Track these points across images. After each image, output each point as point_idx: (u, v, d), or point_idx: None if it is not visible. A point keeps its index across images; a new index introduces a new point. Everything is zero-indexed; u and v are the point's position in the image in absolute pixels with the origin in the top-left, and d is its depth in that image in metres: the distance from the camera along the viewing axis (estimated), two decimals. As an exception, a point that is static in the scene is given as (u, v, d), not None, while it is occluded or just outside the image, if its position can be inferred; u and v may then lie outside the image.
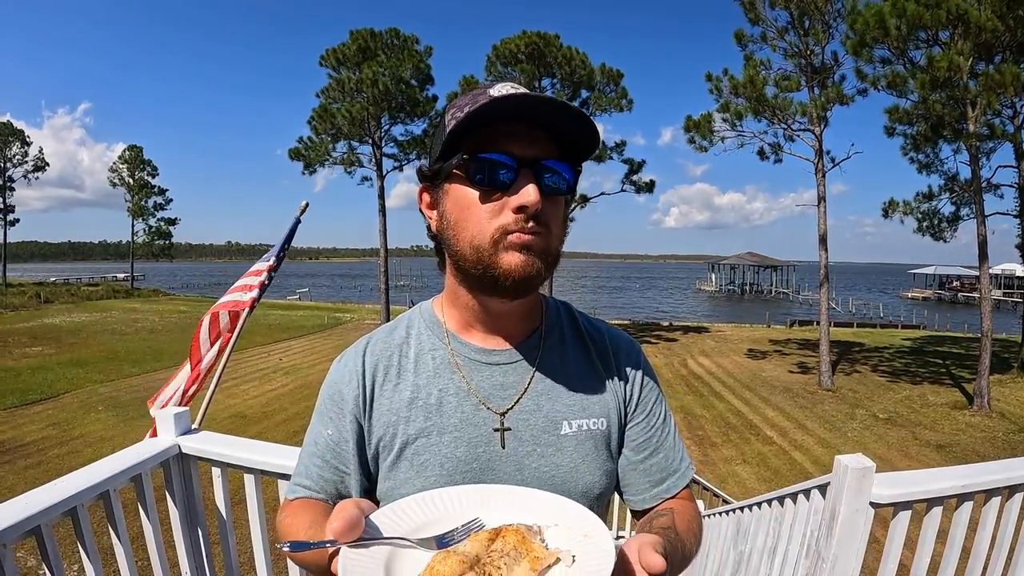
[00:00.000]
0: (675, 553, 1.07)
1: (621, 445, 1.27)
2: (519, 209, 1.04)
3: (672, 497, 1.28)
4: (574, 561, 0.87)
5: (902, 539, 2.34)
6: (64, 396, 18.71)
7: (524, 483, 1.13)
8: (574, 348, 1.28)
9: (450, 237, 1.12)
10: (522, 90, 1.06)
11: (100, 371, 21.97)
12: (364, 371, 1.23)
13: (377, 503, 1.17)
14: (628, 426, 1.27)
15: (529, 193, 1.03)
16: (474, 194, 1.07)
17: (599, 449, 1.21)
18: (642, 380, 1.30)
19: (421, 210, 1.22)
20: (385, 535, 0.94)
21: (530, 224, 1.04)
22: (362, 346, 1.28)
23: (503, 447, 1.16)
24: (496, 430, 1.17)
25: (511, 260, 1.05)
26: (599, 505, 1.22)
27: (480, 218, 1.07)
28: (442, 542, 0.94)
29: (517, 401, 1.19)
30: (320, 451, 1.22)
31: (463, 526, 0.97)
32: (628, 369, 1.29)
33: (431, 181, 1.17)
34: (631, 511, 1.33)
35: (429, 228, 1.21)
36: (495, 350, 1.22)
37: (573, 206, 1.28)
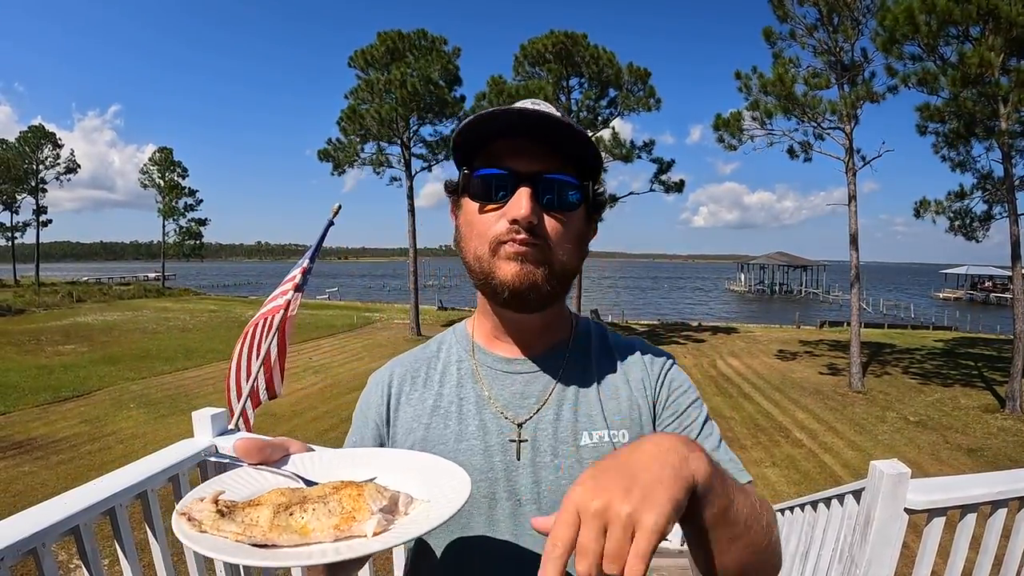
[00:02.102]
0: (733, 493, 0.85)
1: None
2: (513, 220, 1.04)
3: None
4: (379, 533, 0.85)
5: (936, 545, 2.32)
6: (96, 393, 18.97)
7: (541, 495, 1.13)
8: (601, 359, 1.26)
9: (461, 250, 1.15)
10: (540, 106, 1.09)
11: (132, 369, 22.27)
12: (390, 382, 1.29)
13: None
14: (658, 431, 1.19)
15: (520, 204, 1.03)
16: (475, 208, 1.10)
17: None
18: (673, 385, 1.24)
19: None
20: (290, 471, 1.00)
21: (521, 236, 1.05)
22: (393, 361, 1.35)
23: (518, 458, 1.16)
24: (512, 440, 1.17)
25: (507, 269, 1.06)
26: None
27: (478, 232, 1.10)
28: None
29: (537, 411, 1.18)
30: None
31: (344, 481, 0.96)
32: (659, 377, 1.24)
33: (453, 195, 1.19)
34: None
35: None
36: (516, 359, 1.22)
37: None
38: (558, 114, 1.05)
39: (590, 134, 1.15)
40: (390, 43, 30.43)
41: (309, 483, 0.97)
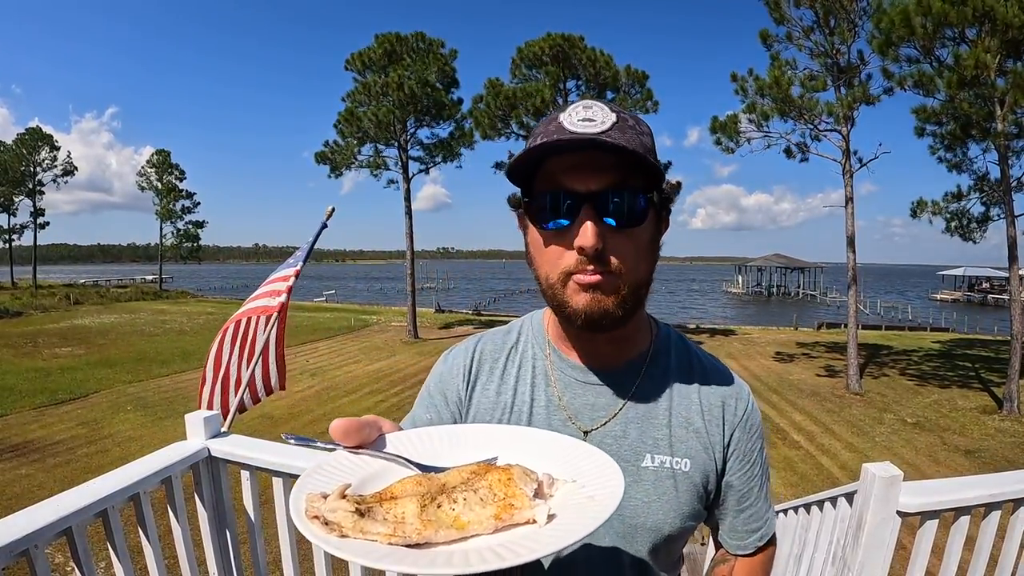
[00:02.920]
0: None
1: (710, 490, 1.22)
2: (580, 250, 0.99)
3: (764, 545, 1.29)
4: (549, 521, 0.77)
5: (929, 548, 2.32)
6: (93, 396, 18.92)
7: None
8: (677, 381, 1.23)
9: (532, 269, 1.12)
10: (591, 110, 1.01)
11: (129, 371, 22.20)
12: (471, 366, 1.27)
13: None
14: (729, 472, 1.23)
15: (587, 235, 0.98)
16: (541, 235, 1.06)
17: (679, 490, 1.16)
18: (750, 429, 1.25)
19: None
20: (392, 453, 0.94)
21: (591, 267, 1.01)
22: (473, 342, 1.32)
23: None
24: None
25: (579, 300, 1.03)
26: (668, 545, 1.19)
27: (547, 260, 1.06)
28: (438, 471, 0.89)
29: (604, 424, 1.17)
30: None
31: (477, 463, 0.90)
32: (733, 414, 1.23)
33: (517, 209, 1.15)
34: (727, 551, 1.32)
35: None
36: (592, 369, 1.20)
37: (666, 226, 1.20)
38: (608, 122, 1.00)
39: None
40: (387, 45, 30.38)
41: (423, 468, 0.91)
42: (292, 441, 0.98)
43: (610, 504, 0.78)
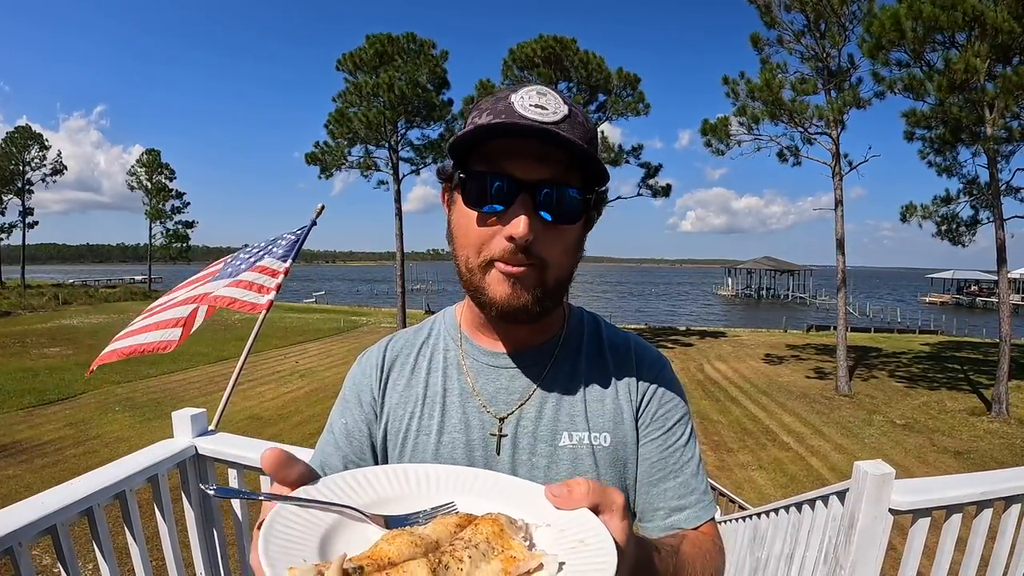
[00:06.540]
0: (665, 571, 0.95)
1: (632, 466, 1.16)
2: (510, 239, 0.96)
3: (694, 528, 1.14)
4: (560, 569, 0.70)
5: (921, 546, 2.31)
6: (81, 396, 18.86)
7: None
8: (590, 358, 1.20)
9: (452, 248, 1.08)
10: (546, 98, 0.99)
11: (117, 372, 22.08)
12: (383, 364, 1.24)
13: None
14: (642, 443, 1.16)
15: (519, 225, 0.95)
16: (471, 214, 1.02)
17: (600, 467, 1.12)
18: (662, 395, 1.19)
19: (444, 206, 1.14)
20: (337, 502, 0.81)
21: (518, 256, 0.98)
22: (385, 341, 1.29)
23: (498, 453, 1.13)
24: (493, 435, 1.13)
25: (497, 289, 1.01)
26: None
27: (471, 242, 1.02)
28: (401, 521, 0.81)
29: (520, 407, 1.15)
30: (334, 439, 1.20)
31: (432, 508, 0.85)
32: (648, 382, 1.19)
33: (446, 183, 1.10)
34: None
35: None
36: (503, 353, 1.18)
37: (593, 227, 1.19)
38: (560, 114, 0.97)
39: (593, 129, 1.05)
40: (379, 46, 30.32)
41: (391, 520, 0.81)
42: (213, 492, 0.87)
43: (604, 545, 0.72)
